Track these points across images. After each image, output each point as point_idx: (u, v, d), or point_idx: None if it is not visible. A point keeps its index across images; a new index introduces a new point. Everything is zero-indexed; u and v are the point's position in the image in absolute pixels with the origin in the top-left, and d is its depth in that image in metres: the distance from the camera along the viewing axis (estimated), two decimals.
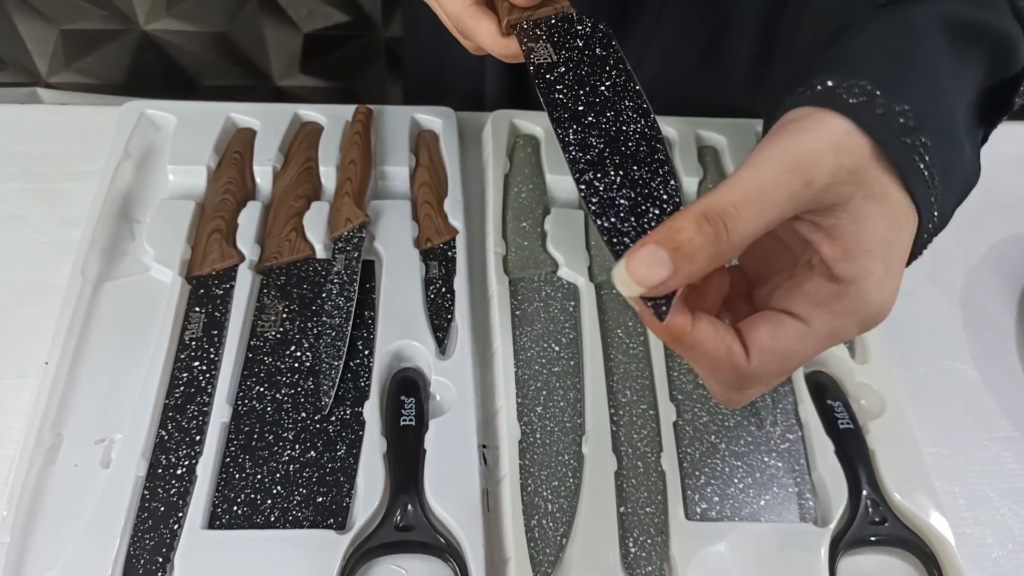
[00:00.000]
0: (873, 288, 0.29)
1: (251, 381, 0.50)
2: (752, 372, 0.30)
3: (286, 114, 0.63)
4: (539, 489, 0.47)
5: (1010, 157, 0.72)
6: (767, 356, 0.30)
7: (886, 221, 0.29)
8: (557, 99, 0.37)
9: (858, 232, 0.29)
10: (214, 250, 0.55)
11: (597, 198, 0.33)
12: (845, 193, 0.29)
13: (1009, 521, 0.51)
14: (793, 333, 0.30)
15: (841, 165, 0.28)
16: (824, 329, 0.30)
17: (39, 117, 0.65)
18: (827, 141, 0.29)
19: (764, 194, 0.28)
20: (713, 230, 0.27)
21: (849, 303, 0.29)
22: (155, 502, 0.45)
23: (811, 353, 0.30)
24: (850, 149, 0.29)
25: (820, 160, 0.28)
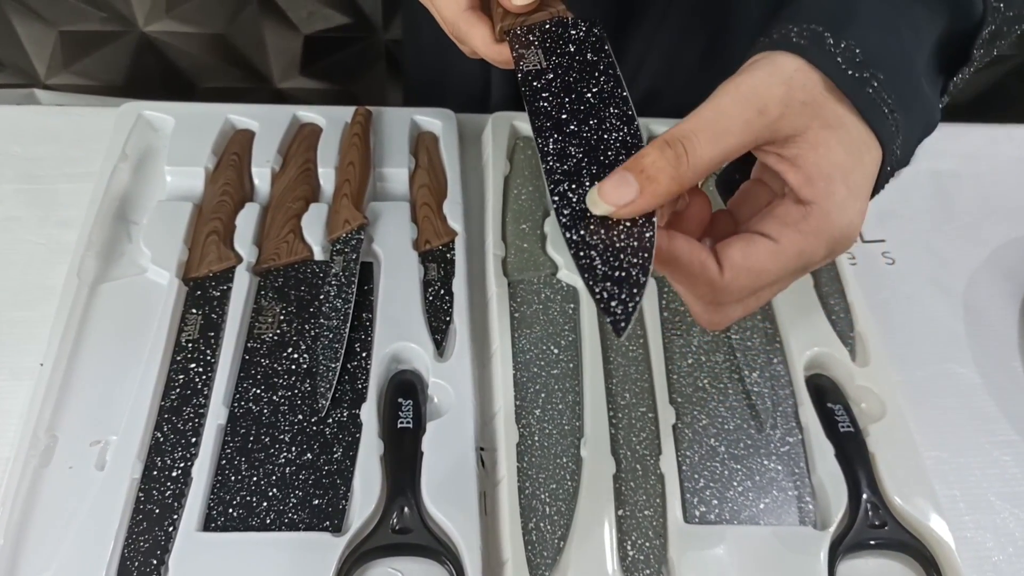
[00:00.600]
0: (836, 208, 0.31)
1: (248, 383, 0.50)
2: (725, 286, 0.32)
3: (285, 116, 0.63)
4: (537, 492, 0.47)
5: (1011, 161, 0.71)
6: (739, 271, 0.32)
7: (844, 147, 0.31)
8: (541, 107, 0.37)
9: (817, 158, 0.31)
10: (211, 252, 0.55)
11: (569, 210, 0.32)
12: (801, 124, 0.31)
13: (1010, 525, 0.51)
14: (764, 250, 0.32)
15: (793, 97, 0.31)
16: (793, 248, 0.32)
17: (36, 119, 0.65)
18: (778, 75, 0.31)
19: (719, 122, 0.31)
20: (673, 152, 0.30)
21: (815, 222, 0.31)
22: (150, 504, 0.45)
23: (781, 271, 0.32)
24: (801, 83, 0.31)
25: (771, 91, 0.31)
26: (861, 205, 0.32)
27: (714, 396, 0.52)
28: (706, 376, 0.53)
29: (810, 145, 0.32)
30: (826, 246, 0.32)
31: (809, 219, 0.32)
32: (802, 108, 0.31)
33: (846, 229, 0.32)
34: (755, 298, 0.34)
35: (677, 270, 0.32)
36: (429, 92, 0.82)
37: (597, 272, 0.30)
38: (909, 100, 0.33)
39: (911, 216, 0.67)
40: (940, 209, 0.67)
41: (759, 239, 0.32)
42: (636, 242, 0.31)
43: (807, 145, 0.32)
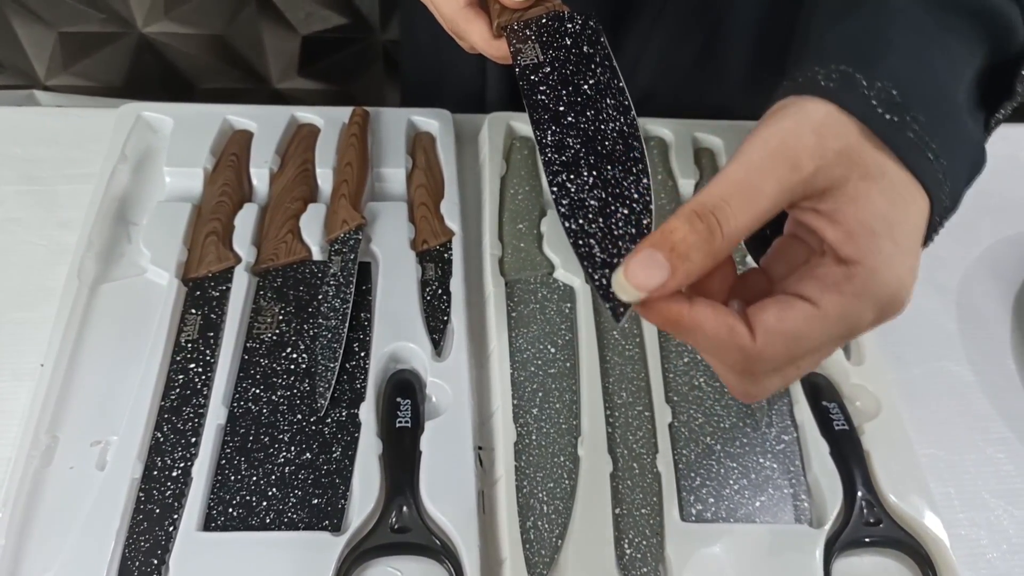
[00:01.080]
0: (883, 266, 0.28)
1: (247, 383, 0.50)
2: (759, 353, 0.29)
3: (283, 116, 0.63)
4: (535, 491, 0.47)
5: (1005, 159, 0.72)
6: (773, 336, 0.28)
7: (887, 198, 0.28)
8: (539, 100, 0.38)
9: (858, 212, 0.28)
10: (210, 252, 0.55)
11: (568, 200, 0.33)
12: (839, 176, 0.28)
13: (1004, 522, 0.51)
14: (802, 315, 0.28)
15: (826, 147, 0.28)
16: (835, 312, 0.28)
17: (36, 120, 0.65)
18: (807, 124, 0.29)
19: (751, 184, 0.28)
20: (705, 226, 0.27)
21: (860, 283, 0.28)
22: (150, 504, 0.45)
23: (822, 337, 0.29)
24: (834, 131, 0.29)
25: (802, 142, 0.28)
26: (912, 261, 0.29)
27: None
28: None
29: (849, 198, 0.28)
30: (874, 309, 0.29)
31: (853, 280, 0.28)
32: (837, 158, 0.28)
33: (896, 288, 0.29)
34: (795, 367, 0.31)
35: (702, 338, 0.29)
36: (426, 92, 0.82)
37: (596, 259, 0.31)
38: (953, 142, 0.30)
39: None
40: None
41: (797, 302, 0.29)
42: (634, 229, 0.32)
43: (845, 198, 0.28)
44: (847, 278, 0.28)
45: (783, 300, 0.29)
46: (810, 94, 0.29)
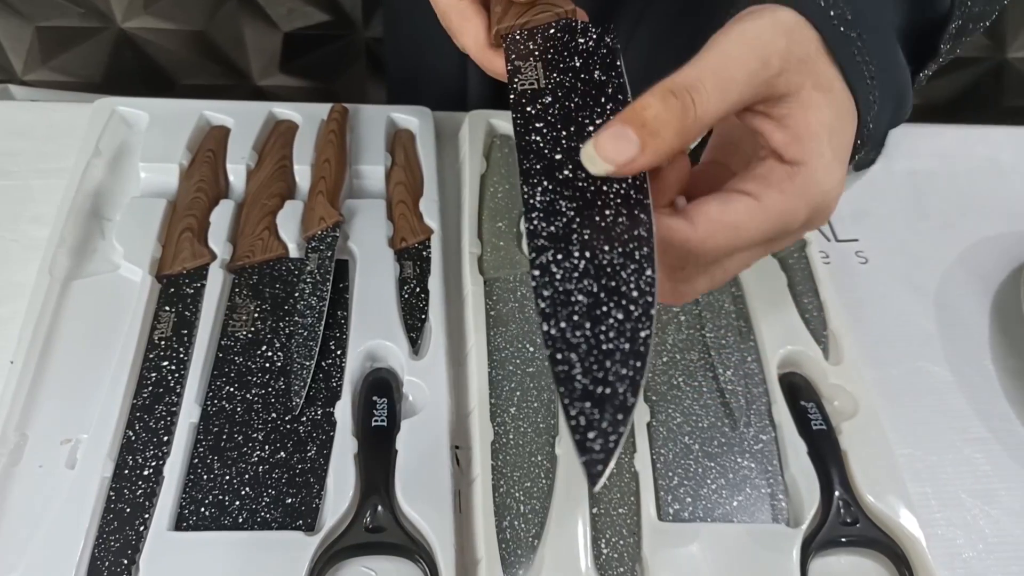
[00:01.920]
0: (822, 170, 0.30)
1: (221, 381, 0.50)
2: (701, 242, 0.29)
3: (261, 112, 0.63)
4: (511, 490, 0.47)
5: (984, 161, 0.72)
6: (715, 225, 0.29)
7: (833, 110, 0.30)
8: (533, 142, 0.31)
9: (807, 119, 0.30)
10: (185, 249, 0.54)
11: (550, 292, 0.26)
12: (796, 82, 0.30)
13: (980, 522, 0.51)
14: (743, 207, 0.30)
15: (792, 52, 0.30)
16: (775, 208, 0.30)
17: (9, 114, 0.64)
18: (780, 27, 0.30)
19: (727, 70, 0.28)
20: (680, 103, 0.27)
21: (800, 182, 0.30)
22: (121, 503, 0.45)
23: (759, 232, 0.30)
24: (799, 38, 0.30)
25: (774, 42, 0.29)
26: (843, 171, 0.31)
27: (688, 394, 0.52)
28: (680, 374, 0.53)
29: (800, 105, 0.30)
30: (808, 209, 0.30)
31: (795, 179, 0.30)
32: (799, 65, 0.30)
33: (829, 193, 0.31)
34: (722, 270, 0.32)
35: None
36: (409, 89, 0.82)
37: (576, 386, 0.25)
38: (886, 70, 0.32)
39: (885, 215, 0.67)
40: (914, 209, 0.68)
41: (738, 195, 0.30)
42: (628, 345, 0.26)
43: (798, 104, 0.30)
44: (789, 177, 0.30)
45: (725, 195, 0.30)
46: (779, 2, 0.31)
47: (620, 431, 0.24)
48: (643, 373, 0.25)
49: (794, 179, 0.30)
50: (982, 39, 1.07)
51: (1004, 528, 0.51)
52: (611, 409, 0.24)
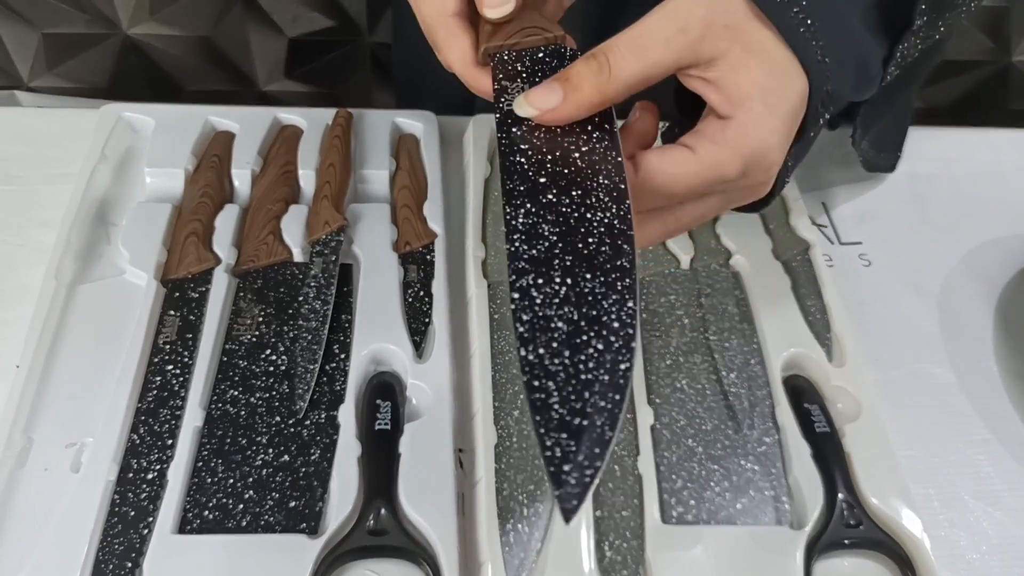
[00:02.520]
0: (751, 122, 0.32)
1: (225, 385, 0.50)
2: (640, 185, 0.32)
3: (265, 117, 0.63)
4: (515, 493, 0.47)
5: (987, 164, 0.72)
6: (652, 172, 0.32)
7: (763, 70, 0.32)
8: (516, 163, 0.31)
9: (736, 78, 0.32)
10: (190, 253, 0.55)
11: (529, 316, 0.26)
12: (723, 47, 0.32)
13: (983, 523, 0.51)
14: (680, 156, 0.33)
15: (714, 19, 0.32)
16: (708, 158, 0.33)
17: (16, 120, 0.65)
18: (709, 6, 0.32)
19: (641, 37, 0.32)
20: (596, 63, 0.32)
21: (731, 134, 0.32)
22: (125, 506, 0.45)
23: (694, 180, 0.33)
24: (723, 7, 0.32)
25: (692, 11, 0.32)
26: (777, 123, 0.33)
27: (692, 397, 0.52)
28: (684, 377, 0.53)
29: (730, 67, 0.32)
30: (741, 161, 0.33)
31: (726, 131, 0.33)
32: (724, 31, 0.32)
33: (760, 145, 0.33)
34: (674, 218, 0.35)
35: None
36: (416, 93, 0.82)
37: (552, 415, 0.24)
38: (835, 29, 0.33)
39: (887, 218, 0.67)
40: (916, 212, 0.68)
41: (677, 147, 0.33)
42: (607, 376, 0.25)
43: (727, 67, 0.32)
44: (721, 129, 0.33)
45: (668, 147, 0.34)
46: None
47: (596, 465, 0.23)
48: (622, 407, 0.25)
49: (725, 131, 0.33)
50: (986, 42, 1.06)
51: (1008, 530, 0.51)
52: (588, 442, 0.24)
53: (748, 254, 0.59)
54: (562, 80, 0.32)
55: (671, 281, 0.57)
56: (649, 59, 0.32)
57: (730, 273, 0.58)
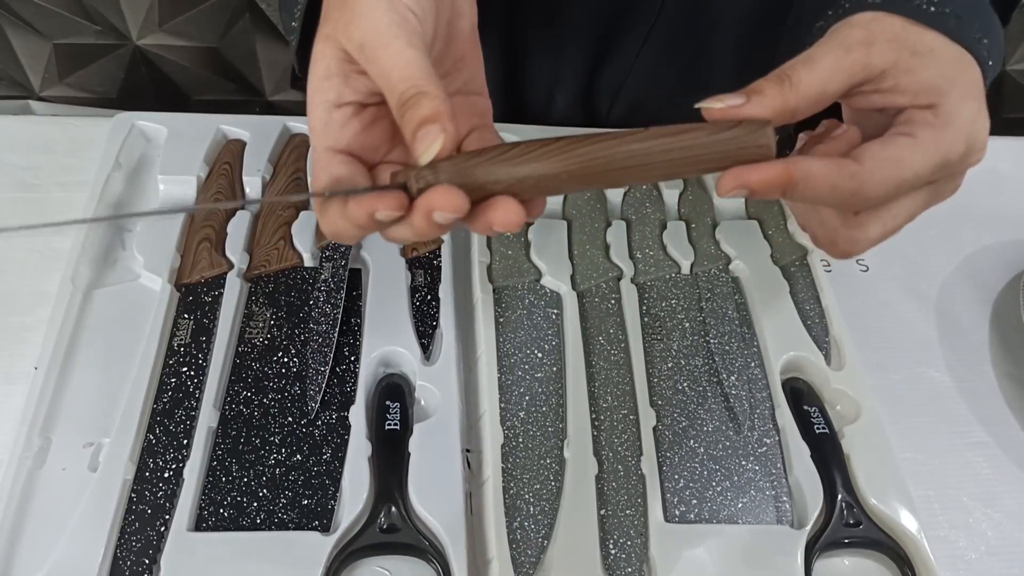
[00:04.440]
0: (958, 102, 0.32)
1: (239, 386, 0.51)
2: (869, 175, 0.32)
3: (275, 126, 0.64)
4: (521, 492, 0.48)
5: (984, 170, 0.73)
6: (879, 160, 0.32)
7: (938, 65, 0.33)
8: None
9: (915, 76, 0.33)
10: (203, 258, 0.56)
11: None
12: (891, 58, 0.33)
13: (982, 525, 0.52)
14: (904, 142, 0.32)
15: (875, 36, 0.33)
16: (931, 140, 0.32)
17: (31, 128, 0.66)
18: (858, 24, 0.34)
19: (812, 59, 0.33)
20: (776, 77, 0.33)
21: (946, 114, 0.32)
22: (142, 505, 0.46)
23: (923, 165, 0.32)
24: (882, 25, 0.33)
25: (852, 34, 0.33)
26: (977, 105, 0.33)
27: (693, 399, 0.53)
28: (686, 379, 0.54)
29: (903, 71, 0.33)
30: (964, 139, 0.32)
31: (939, 113, 0.32)
32: (888, 44, 0.33)
33: (974, 126, 0.33)
34: (891, 216, 0.35)
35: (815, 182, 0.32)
36: None
37: None
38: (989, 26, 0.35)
39: None
40: None
41: (897, 135, 0.33)
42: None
43: (900, 71, 0.33)
44: (934, 114, 0.32)
45: (885, 136, 0.33)
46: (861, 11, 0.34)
47: None
48: None
49: (938, 115, 0.32)
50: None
51: (1006, 531, 0.52)
52: None
53: (747, 259, 0.60)
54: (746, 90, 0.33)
55: (672, 286, 0.59)
56: (824, 75, 0.33)
57: (730, 278, 0.60)
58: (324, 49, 0.34)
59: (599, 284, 0.58)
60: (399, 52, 0.32)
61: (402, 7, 0.33)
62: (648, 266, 0.59)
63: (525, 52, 0.69)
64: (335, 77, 0.34)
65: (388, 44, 0.32)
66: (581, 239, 0.60)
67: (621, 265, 0.59)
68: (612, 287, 0.58)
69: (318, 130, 0.35)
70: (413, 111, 0.31)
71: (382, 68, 0.32)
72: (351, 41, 0.33)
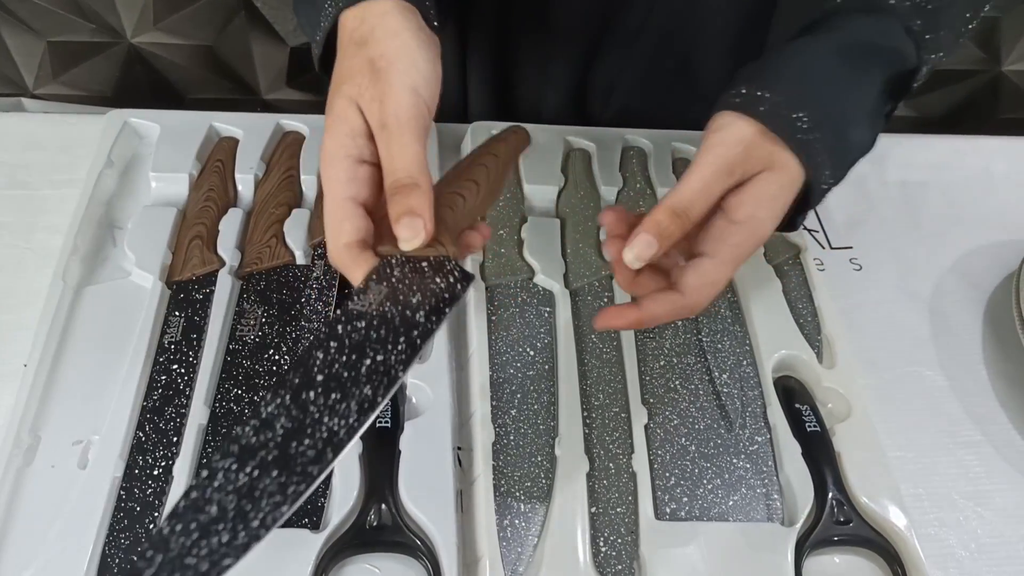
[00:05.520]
0: (756, 224, 0.40)
1: (229, 384, 0.51)
2: (694, 303, 0.41)
3: (268, 124, 0.64)
4: (512, 490, 0.48)
5: (977, 171, 0.74)
6: (696, 289, 0.41)
7: (779, 184, 0.40)
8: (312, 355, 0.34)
9: (757, 192, 0.40)
10: (195, 256, 0.56)
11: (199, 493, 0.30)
12: (753, 171, 0.40)
13: (972, 522, 0.52)
14: (710, 266, 0.41)
15: (750, 155, 0.40)
16: (729, 256, 0.41)
17: (23, 126, 0.66)
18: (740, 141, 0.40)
19: (708, 190, 0.40)
20: (680, 220, 0.40)
21: (741, 236, 0.40)
22: (131, 502, 0.46)
23: (726, 275, 0.41)
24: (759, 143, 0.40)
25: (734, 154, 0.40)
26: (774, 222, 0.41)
27: (685, 397, 0.53)
28: (678, 377, 0.54)
29: (756, 182, 0.40)
30: (751, 249, 0.41)
31: (738, 234, 0.40)
32: (757, 162, 0.40)
33: (763, 238, 0.41)
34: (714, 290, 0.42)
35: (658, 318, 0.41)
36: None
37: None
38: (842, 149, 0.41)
39: (878, 224, 0.68)
40: (907, 217, 0.69)
41: (703, 259, 0.41)
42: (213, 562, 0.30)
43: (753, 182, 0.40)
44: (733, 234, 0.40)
45: (694, 263, 0.41)
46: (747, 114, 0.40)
47: None
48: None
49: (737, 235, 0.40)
50: (978, 52, 1.08)
51: (996, 529, 0.52)
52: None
53: None
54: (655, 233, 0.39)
55: None
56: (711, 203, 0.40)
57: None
58: (348, 111, 0.39)
59: (592, 282, 0.58)
60: (408, 145, 0.38)
61: (420, 99, 0.39)
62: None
63: (516, 49, 0.69)
64: (360, 138, 0.39)
65: (403, 134, 0.38)
66: (574, 237, 0.60)
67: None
68: (605, 285, 0.58)
69: (342, 182, 0.38)
70: (404, 198, 0.37)
71: (391, 153, 0.38)
72: (374, 118, 0.38)
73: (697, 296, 0.41)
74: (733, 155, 0.39)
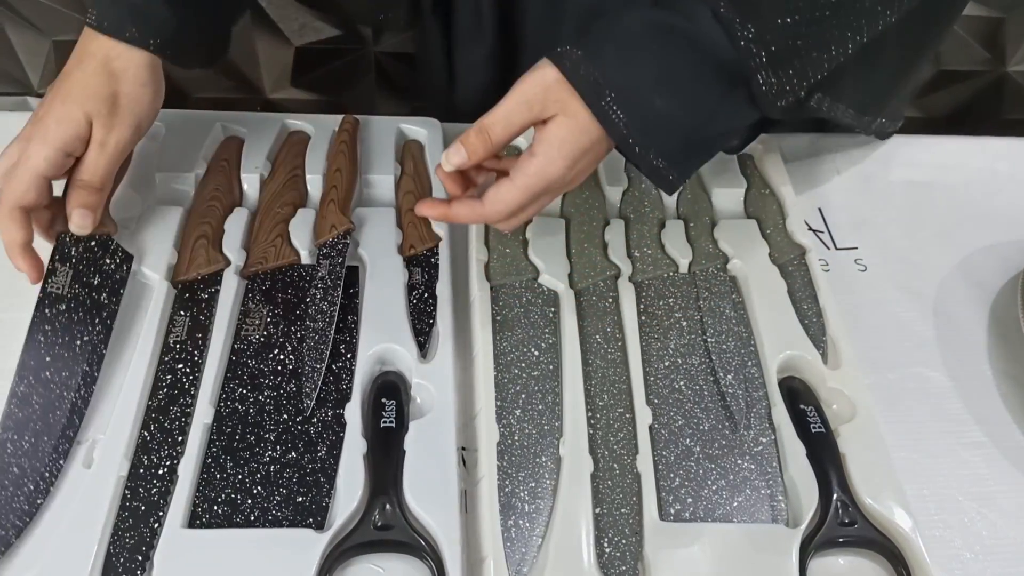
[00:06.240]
0: (546, 160, 0.46)
1: (234, 383, 0.51)
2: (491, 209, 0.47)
3: (274, 123, 0.64)
4: (516, 490, 0.48)
5: (982, 171, 0.73)
6: (492, 202, 0.47)
7: (568, 129, 0.46)
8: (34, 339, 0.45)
9: (547, 131, 0.46)
10: (200, 255, 0.56)
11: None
12: (551, 112, 0.46)
13: (977, 524, 0.52)
14: (504, 186, 0.47)
15: (548, 97, 0.46)
16: (522, 183, 0.46)
17: None
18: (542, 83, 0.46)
19: (509, 117, 0.46)
20: (482, 137, 0.46)
21: (533, 166, 0.46)
22: (136, 501, 0.46)
23: (519, 196, 0.47)
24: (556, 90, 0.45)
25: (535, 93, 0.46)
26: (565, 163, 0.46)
27: (690, 397, 0.53)
28: (682, 378, 0.54)
29: (551, 123, 0.46)
30: (544, 183, 0.46)
31: (530, 163, 0.46)
32: (555, 104, 0.46)
33: (553, 175, 0.46)
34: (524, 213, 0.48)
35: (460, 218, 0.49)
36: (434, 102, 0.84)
37: None
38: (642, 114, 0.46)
39: (883, 224, 0.68)
40: (912, 218, 0.69)
41: (503, 180, 0.47)
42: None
43: (550, 123, 0.46)
44: (528, 162, 0.46)
45: (497, 182, 0.48)
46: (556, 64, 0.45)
47: None
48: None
49: (529, 163, 0.46)
50: (982, 53, 1.08)
51: (1001, 530, 0.52)
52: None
53: (745, 258, 0.60)
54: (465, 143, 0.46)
55: (670, 284, 0.59)
56: (515, 129, 0.46)
57: (727, 277, 0.60)
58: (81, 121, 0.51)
59: (597, 282, 0.58)
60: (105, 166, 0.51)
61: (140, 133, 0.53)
62: (646, 265, 0.59)
63: (516, 47, 0.70)
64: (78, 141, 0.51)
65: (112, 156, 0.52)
66: (579, 237, 0.60)
67: (619, 263, 0.59)
68: (610, 285, 0.58)
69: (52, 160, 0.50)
70: (82, 193, 0.51)
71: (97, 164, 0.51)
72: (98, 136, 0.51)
73: (491, 207, 0.47)
74: (533, 93, 0.46)
